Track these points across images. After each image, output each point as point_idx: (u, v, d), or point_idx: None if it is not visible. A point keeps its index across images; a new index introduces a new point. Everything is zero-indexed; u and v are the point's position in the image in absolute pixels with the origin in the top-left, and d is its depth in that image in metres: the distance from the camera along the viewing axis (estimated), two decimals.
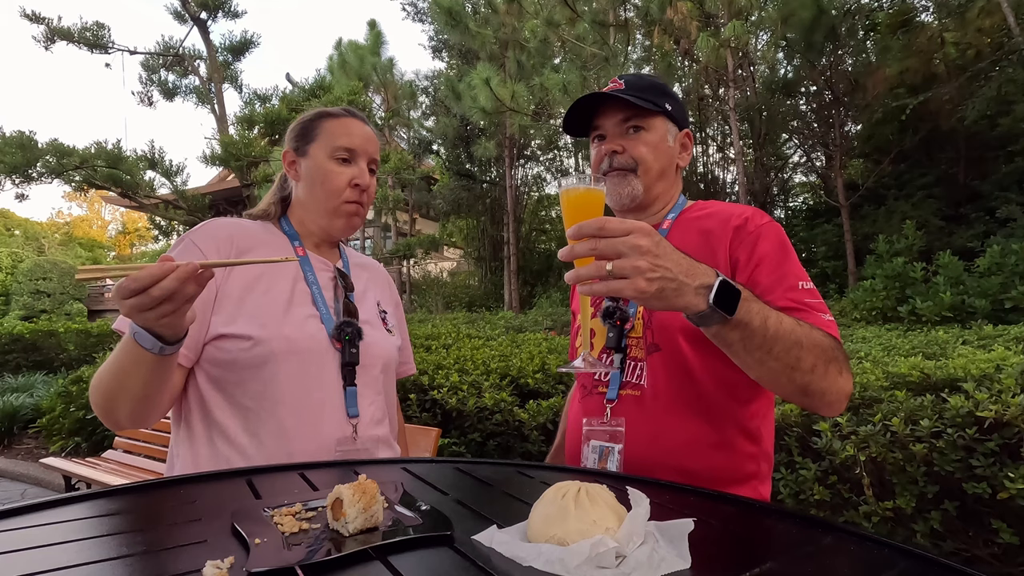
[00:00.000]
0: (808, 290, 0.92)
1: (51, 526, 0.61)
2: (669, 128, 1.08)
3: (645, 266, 0.67)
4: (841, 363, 0.83)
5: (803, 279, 0.93)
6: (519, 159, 15.78)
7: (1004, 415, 1.60)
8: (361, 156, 1.12)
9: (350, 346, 1.05)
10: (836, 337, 0.86)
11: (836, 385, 0.82)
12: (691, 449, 0.94)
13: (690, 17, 9.81)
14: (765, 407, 1.01)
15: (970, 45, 9.81)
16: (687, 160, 1.12)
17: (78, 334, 8.54)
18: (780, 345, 0.77)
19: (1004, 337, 4.06)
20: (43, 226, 39.68)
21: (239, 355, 0.97)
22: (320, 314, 1.06)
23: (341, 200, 1.10)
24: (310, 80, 9.61)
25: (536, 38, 10.05)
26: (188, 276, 0.73)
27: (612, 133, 1.08)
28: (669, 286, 0.68)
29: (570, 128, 1.13)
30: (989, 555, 1.67)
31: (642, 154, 1.05)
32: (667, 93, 1.08)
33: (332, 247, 1.21)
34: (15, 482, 4.70)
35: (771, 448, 1.03)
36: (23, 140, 7.19)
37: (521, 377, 2.98)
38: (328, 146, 1.10)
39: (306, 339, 1.01)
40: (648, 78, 1.10)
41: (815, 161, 13.22)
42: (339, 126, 1.12)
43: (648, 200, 1.08)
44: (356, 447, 1.03)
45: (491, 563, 0.52)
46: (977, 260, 7.06)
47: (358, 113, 1.17)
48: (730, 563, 0.55)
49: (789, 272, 0.93)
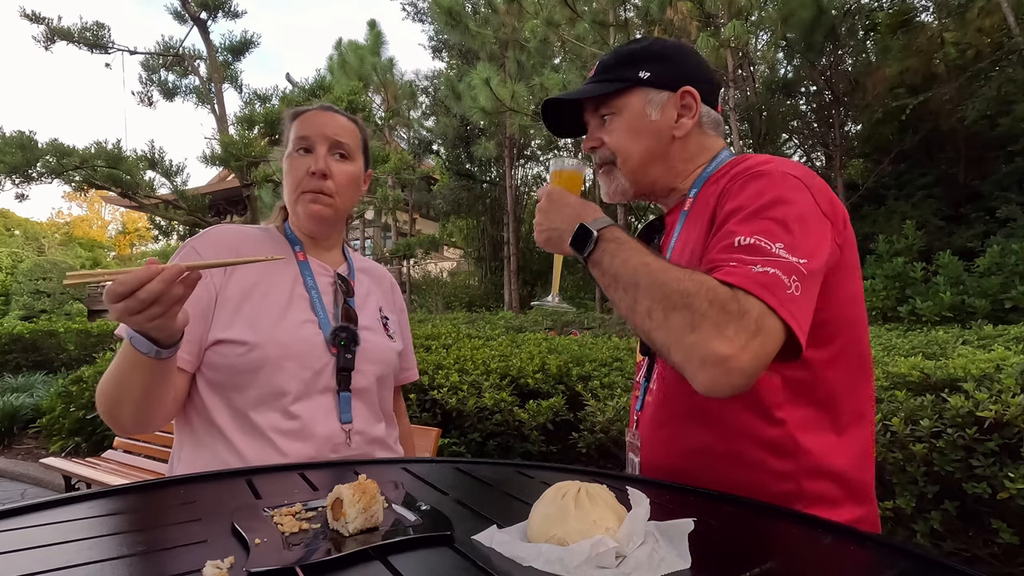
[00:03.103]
0: (747, 246, 0.71)
1: (51, 526, 0.61)
2: (650, 98, 0.92)
3: (539, 220, 0.89)
4: (700, 317, 0.65)
5: (753, 235, 0.72)
6: (519, 159, 15.77)
7: (1004, 415, 1.60)
8: (318, 142, 1.08)
9: (345, 351, 1.05)
10: (738, 287, 0.66)
11: (685, 341, 0.65)
12: (699, 458, 0.85)
13: (690, 17, 9.81)
14: (815, 421, 0.81)
15: (970, 45, 9.82)
16: (691, 122, 0.93)
17: (78, 334, 8.54)
18: (619, 287, 0.75)
19: (1004, 337, 4.06)
20: (43, 226, 39.67)
21: (235, 360, 0.98)
22: (318, 319, 1.05)
23: (300, 191, 1.09)
24: (310, 80, 9.61)
25: (536, 38, 10.05)
26: (174, 278, 0.73)
27: (591, 126, 0.99)
28: (554, 235, 0.87)
29: (563, 132, 1.06)
30: (989, 555, 1.67)
31: (615, 143, 0.95)
32: (646, 58, 0.93)
33: (332, 249, 1.19)
34: (15, 482, 4.70)
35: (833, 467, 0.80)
36: (23, 140, 7.18)
37: (521, 377, 2.98)
38: (292, 141, 1.10)
39: (301, 344, 1.01)
40: (625, 48, 0.97)
41: (815, 161, 13.22)
42: (300, 120, 1.11)
43: (644, 189, 0.97)
44: (351, 452, 1.03)
45: (491, 563, 0.52)
46: (977, 260, 7.06)
47: (328, 105, 1.15)
48: (730, 563, 0.55)
49: (746, 227, 0.74)
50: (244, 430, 0.98)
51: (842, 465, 0.81)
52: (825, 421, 0.81)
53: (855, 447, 0.83)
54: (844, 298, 0.81)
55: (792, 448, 0.80)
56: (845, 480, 0.81)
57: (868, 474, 0.86)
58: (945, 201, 10.00)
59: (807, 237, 0.73)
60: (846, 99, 11.00)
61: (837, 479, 0.80)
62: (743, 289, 0.65)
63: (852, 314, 0.83)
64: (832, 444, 0.81)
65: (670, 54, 0.95)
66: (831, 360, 0.81)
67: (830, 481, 0.80)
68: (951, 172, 10.58)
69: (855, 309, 0.84)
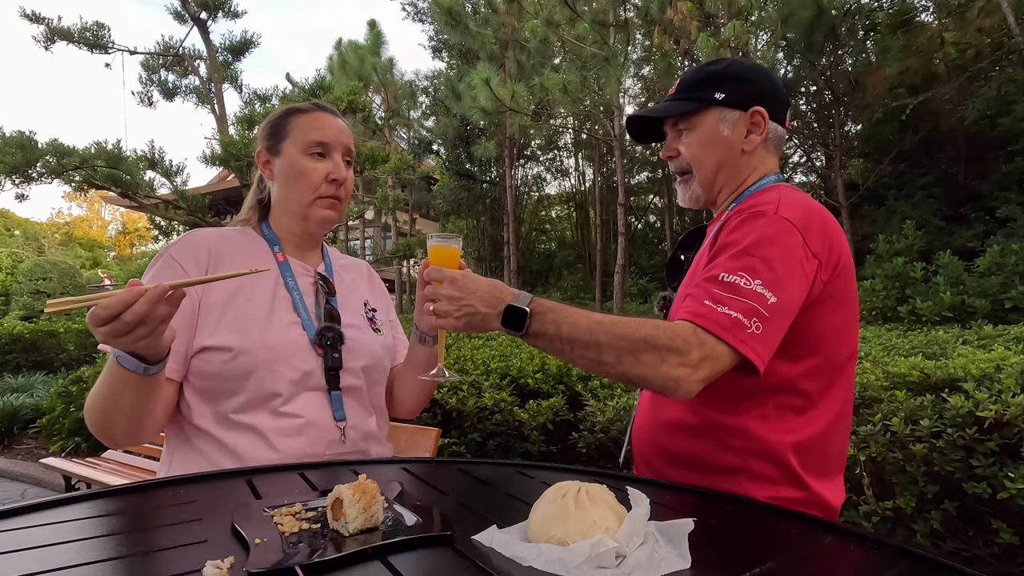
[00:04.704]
0: (726, 283, 0.86)
1: (51, 526, 0.61)
2: (724, 116, 1.06)
3: (452, 309, 0.91)
4: (664, 351, 0.82)
5: (736, 272, 0.86)
6: (519, 159, 15.79)
7: (1004, 415, 1.60)
8: (335, 149, 1.10)
9: (332, 351, 1.04)
10: (696, 324, 0.82)
11: (658, 372, 0.82)
12: (673, 430, 1.02)
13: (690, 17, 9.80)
14: (765, 411, 0.96)
15: (970, 45, 9.82)
16: (759, 138, 1.06)
17: (78, 334, 8.53)
18: (577, 347, 0.86)
19: (1004, 337, 4.06)
20: (43, 226, 39.68)
21: (222, 367, 0.97)
22: (302, 320, 1.05)
23: (317, 195, 1.08)
24: (310, 80, 9.61)
25: (536, 38, 10.05)
26: (158, 299, 0.73)
27: (668, 137, 1.14)
28: (475, 319, 0.90)
29: (640, 139, 1.22)
30: (989, 555, 1.67)
31: (690, 155, 1.09)
32: (723, 79, 1.06)
33: (313, 248, 1.18)
34: (15, 482, 4.70)
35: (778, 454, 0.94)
36: (23, 140, 7.18)
37: (521, 377, 2.98)
38: (301, 142, 1.08)
39: (289, 347, 1.01)
40: (706, 68, 1.09)
41: (815, 161, 13.23)
42: (310, 121, 1.10)
43: (713, 195, 1.11)
44: (346, 449, 1.03)
45: (491, 563, 0.52)
46: (977, 260, 7.07)
47: (328, 106, 1.15)
48: (730, 563, 0.55)
49: (734, 263, 0.88)
50: (237, 431, 0.97)
51: (788, 455, 0.95)
52: (785, 417, 0.96)
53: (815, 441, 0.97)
54: (826, 327, 0.94)
55: (743, 431, 0.96)
56: (788, 467, 0.95)
57: (822, 464, 0.98)
58: (945, 201, 10.01)
59: (787, 276, 0.86)
60: (846, 99, 11.00)
61: (781, 465, 0.95)
62: (703, 328, 0.82)
63: (832, 340, 0.96)
64: (784, 436, 0.95)
65: (745, 75, 1.07)
66: (804, 374, 0.95)
67: (774, 465, 0.95)
68: (951, 172, 10.59)
69: (835, 337, 0.96)
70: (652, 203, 18.10)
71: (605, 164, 16.63)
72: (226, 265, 1.04)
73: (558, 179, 19.29)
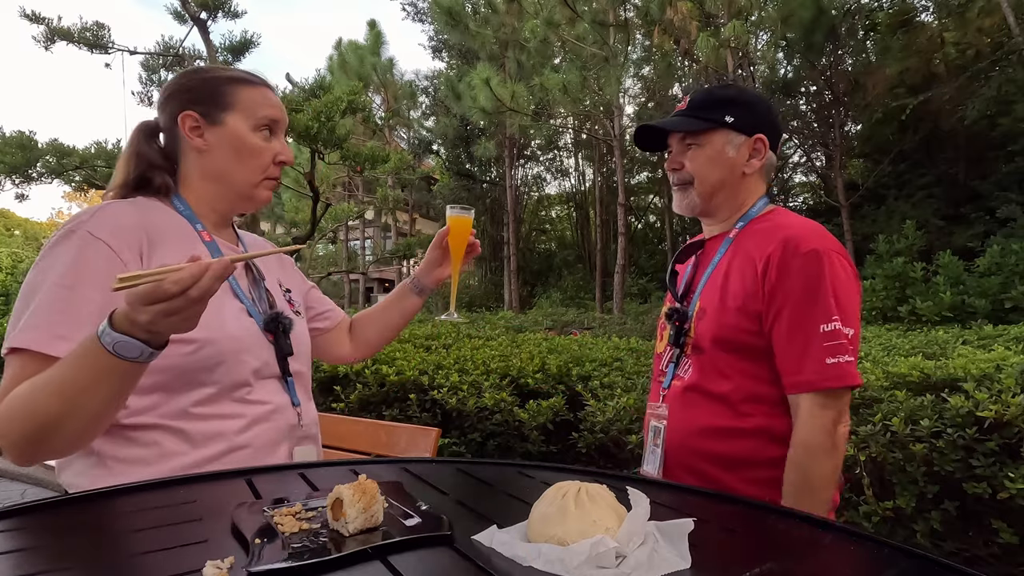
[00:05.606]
0: (829, 332, 0.99)
1: (50, 526, 0.61)
2: (731, 139, 1.15)
3: None
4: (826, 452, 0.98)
5: (828, 319, 0.99)
6: (519, 159, 15.79)
7: (1004, 415, 1.60)
8: (281, 128, 1.04)
9: (284, 337, 1.01)
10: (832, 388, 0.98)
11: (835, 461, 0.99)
12: (713, 433, 1.09)
13: (690, 17, 9.80)
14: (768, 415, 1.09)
15: (970, 45, 9.83)
16: (759, 163, 1.16)
17: None
18: None
19: (1004, 337, 4.06)
20: (43, 226, 39.64)
21: (182, 360, 0.88)
22: (246, 307, 1.00)
23: (265, 176, 1.03)
24: (310, 80, 9.62)
25: (536, 38, 10.05)
26: (225, 274, 0.71)
27: (674, 150, 1.21)
28: None
29: (644, 147, 1.30)
30: (989, 555, 1.67)
31: (696, 169, 1.16)
32: (733, 103, 1.15)
33: (227, 226, 1.09)
34: (15, 482, 4.70)
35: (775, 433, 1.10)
36: (23, 140, 7.18)
37: (521, 377, 2.98)
38: (252, 117, 1.00)
39: (247, 335, 0.97)
40: (718, 92, 1.18)
41: (815, 161, 13.24)
42: (260, 96, 1.02)
43: (709, 209, 1.20)
44: (304, 433, 1.03)
45: (491, 563, 0.52)
46: (977, 260, 7.08)
47: (268, 80, 1.08)
48: (730, 563, 0.55)
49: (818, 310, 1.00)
50: (196, 428, 0.90)
51: None
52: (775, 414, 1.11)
53: None
54: None
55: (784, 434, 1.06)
56: None
57: None
58: (945, 201, 10.02)
59: (851, 305, 1.02)
60: (846, 99, 11.01)
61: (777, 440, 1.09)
62: (835, 388, 0.98)
63: None
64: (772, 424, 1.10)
65: (754, 103, 1.17)
66: None
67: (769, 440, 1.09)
68: (951, 172, 10.60)
69: None
70: (652, 203, 18.11)
71: (605, 164, 16.64)
72: (161, 247, 0.92)
73: (558, 179, 19.32)
